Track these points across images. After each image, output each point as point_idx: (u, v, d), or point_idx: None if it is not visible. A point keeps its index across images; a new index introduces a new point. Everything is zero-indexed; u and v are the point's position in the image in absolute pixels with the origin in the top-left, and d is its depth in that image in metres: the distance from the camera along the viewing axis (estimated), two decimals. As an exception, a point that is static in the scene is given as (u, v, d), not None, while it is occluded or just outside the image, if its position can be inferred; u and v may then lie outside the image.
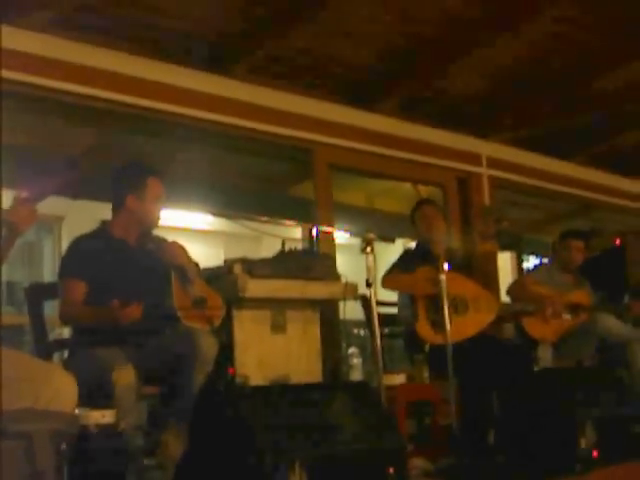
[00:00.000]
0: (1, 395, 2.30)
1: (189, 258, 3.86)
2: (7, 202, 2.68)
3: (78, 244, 3.75)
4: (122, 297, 3.37)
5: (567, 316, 5.19)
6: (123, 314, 3.35)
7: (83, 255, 3.67)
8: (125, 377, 3.30)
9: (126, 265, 3.71)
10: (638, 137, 7.31)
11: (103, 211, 3.92)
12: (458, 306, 4.60)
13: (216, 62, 5.14)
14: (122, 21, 4.61)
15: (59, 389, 2.54)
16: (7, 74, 4.10)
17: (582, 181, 7.74)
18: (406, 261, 4.79)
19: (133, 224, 3.80)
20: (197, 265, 3.91)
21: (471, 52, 5.50)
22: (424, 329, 4.45)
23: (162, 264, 3.76)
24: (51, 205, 3.01)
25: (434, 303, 4.15)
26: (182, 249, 3.87)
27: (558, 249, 5.63)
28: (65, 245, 3.85)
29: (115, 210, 3.81)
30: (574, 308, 5.25)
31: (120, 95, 4.77)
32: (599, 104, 6.46)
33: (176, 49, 4.94)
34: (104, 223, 3.81)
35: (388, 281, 4.66)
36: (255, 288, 4.23)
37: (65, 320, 3.72)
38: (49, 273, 7.38)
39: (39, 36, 4.43)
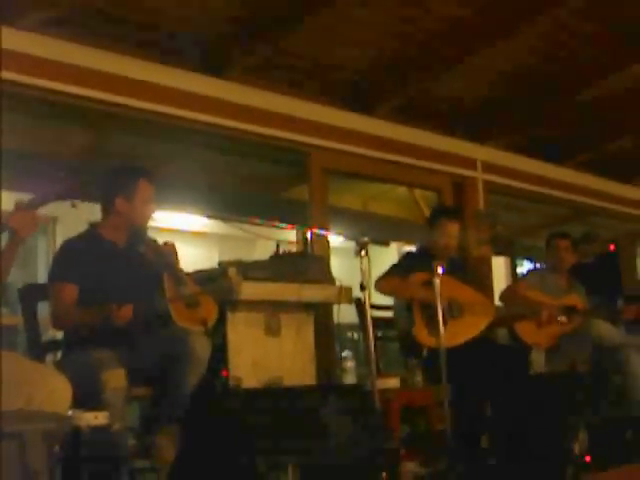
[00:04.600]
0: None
1: (178, 260, 3.86)
2: (9, 206, 2.65)
3: (67, 247, 3.74)
4: (112, 298, 3.37)
5: (563, 318, 5.19)
6: (117, 315, 3.35)
7: (72, 258, 3.66)
8: (115, 380, 3.30)
9: (115, 266, 3.70)
10: (632, 143, 7.34)
11: (97, 212, 3.91)
12: (453, 310, 4.60)
13: (212, 64, 5.14)
14: (119, 23, 4.61)
15: (53, 391, 2.53)
16: (4, 74, 4.10)
17: (576, 186, 7.76)
18: (406, 264, 4.77)
19: (122, 225, 3.78)
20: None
21: (467, 58, 5.52)
22: (421, 333, 4.44)
23: (153, 265, 3.76)
24: (45, 206, 3.00)
25: (430, 307, 4.13)
26: (176, 250, 3.87)
27: (547, 251, 5.65)
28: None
29: (104, 212, 3.79)
30: (569, 310, 5.25)
31: (117, 97, 4.75)
32: (593, 110, 6.48)
33: (173, 51, 4.94)
34: (93, 225, 3.80)
35: (382, 285, 4.58)
36: (249, 291, 4.24)
37: (58, 326, 3.69)
38: (43, 274, 7.35)
39: (36, 37, 4.41)
